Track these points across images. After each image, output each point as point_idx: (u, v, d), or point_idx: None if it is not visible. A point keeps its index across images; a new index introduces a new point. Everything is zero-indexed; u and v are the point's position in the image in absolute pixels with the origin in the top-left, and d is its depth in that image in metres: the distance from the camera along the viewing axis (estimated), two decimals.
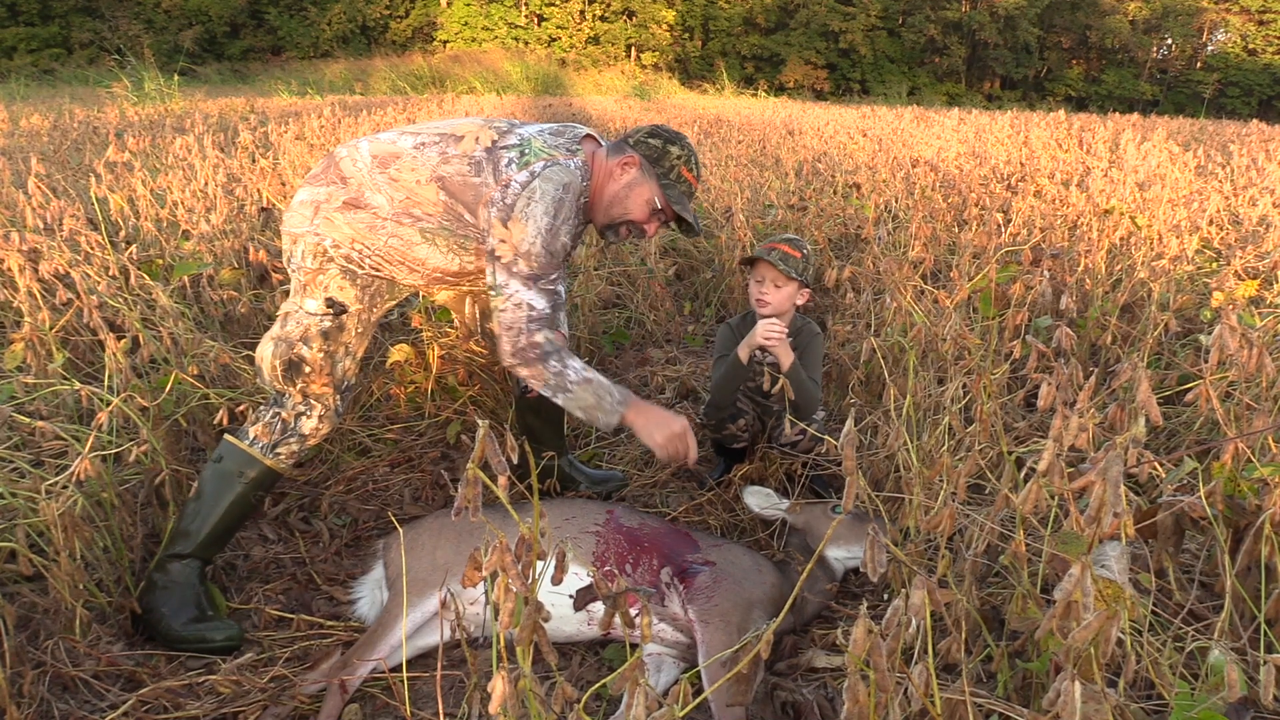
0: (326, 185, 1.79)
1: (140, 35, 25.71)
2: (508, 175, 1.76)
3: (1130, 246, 3.36)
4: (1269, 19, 33.54)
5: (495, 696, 0.87)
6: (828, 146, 7.95)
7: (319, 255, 1.77)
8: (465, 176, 1.77)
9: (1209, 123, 15.81)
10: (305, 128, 6.80)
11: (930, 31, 32.44)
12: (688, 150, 1.94)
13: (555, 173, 1.77)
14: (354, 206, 1.77)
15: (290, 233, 1.80)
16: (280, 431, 1.80)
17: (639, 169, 1.91)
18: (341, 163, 1.80)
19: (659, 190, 1.92)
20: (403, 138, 1.82)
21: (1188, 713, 1.00)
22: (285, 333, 1.79)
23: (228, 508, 1.77)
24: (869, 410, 2.43)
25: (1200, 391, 1.46)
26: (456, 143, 1.80)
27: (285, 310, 1.82)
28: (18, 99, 12.39)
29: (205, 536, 1.75)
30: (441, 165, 1.78)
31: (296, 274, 1.81)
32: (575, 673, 1.65)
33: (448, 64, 25.60)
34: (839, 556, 1.84)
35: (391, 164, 1.78)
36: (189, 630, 1.66)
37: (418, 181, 1.77)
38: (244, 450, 1.78)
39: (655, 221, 1.98)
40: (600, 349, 3.38)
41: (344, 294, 1.79)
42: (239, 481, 1.77)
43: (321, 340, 1.78)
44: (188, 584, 1.72)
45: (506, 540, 0.90)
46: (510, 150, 1.79)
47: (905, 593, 0.94)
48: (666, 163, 1.92)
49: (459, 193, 1.78)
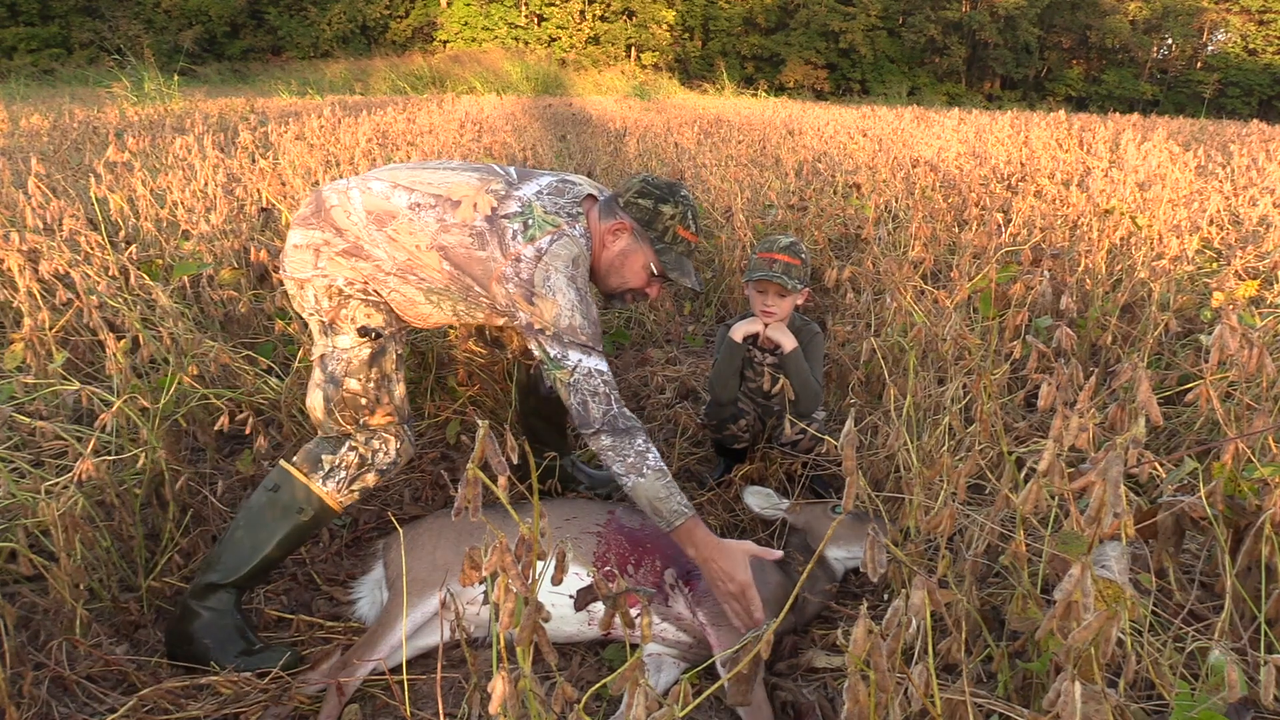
0: (321, 230, 1.70)
1: (140, 35, 25.70)
2: (515, 249, 1.66)
3: (1130, 246, 3.36)
4: (1269, 19, 33.54)
5: (495, 696, 0.87)
6: (828, 146, 7.95)
7: (334, 295, 1.69)
8: (469, 249, 1.68)
9: (1209, 123, 15.81)
10: (305, 128, 6.80)
11: (930, 31, 32.43)
12: (683, 206, 1.82)
13: (562, 247, 1.67)
14: (355, 255, 1.69)
15: (295, 278, 1.71)
16: (359, 466, 1.70)
17: (631, 235, 1.81)
18: (333, 211, 1.70)
19: (653, 256, 1.83)
20: (396, 193, 1.70)
21: (1188, 713, 1.00)
22: (329, 374, 1.69)
23: (283, 542, 1.67)
24: (869, 410, 2.43)
25: (1200, 391, 1.46)
26: (454, 209, 1.69)
27: (318, 354, 1.72)
28: (18, 99, 12.38)
29: (253, 568, 1.66)
30: (441, 234, 1.68)
31: (314, 317, 1.71)
32: (575, 673, 1.65)
33: (448, 64, 25.60)
34: (839, 556, 1.84)
35: (388, 223, 1.68)
36: (244, 664, 1.59)
37: (418, 247, 1.68)
38: (307, 485, 1.67)
39: (656, 285, 1.88)
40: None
41: (372, 320, 1.70)
42: (299, 517, 1.67)
43: (366, 369, 1.69)
44: (227, 612, 1.64)
45: (506, 540, 0.90)
46: (513, 221, 1.68)
47: (905, 593, 0.94)
48: (659, 225, 1.80)
49: (465, 265, 1.69)
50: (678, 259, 1.84)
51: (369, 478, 1.72)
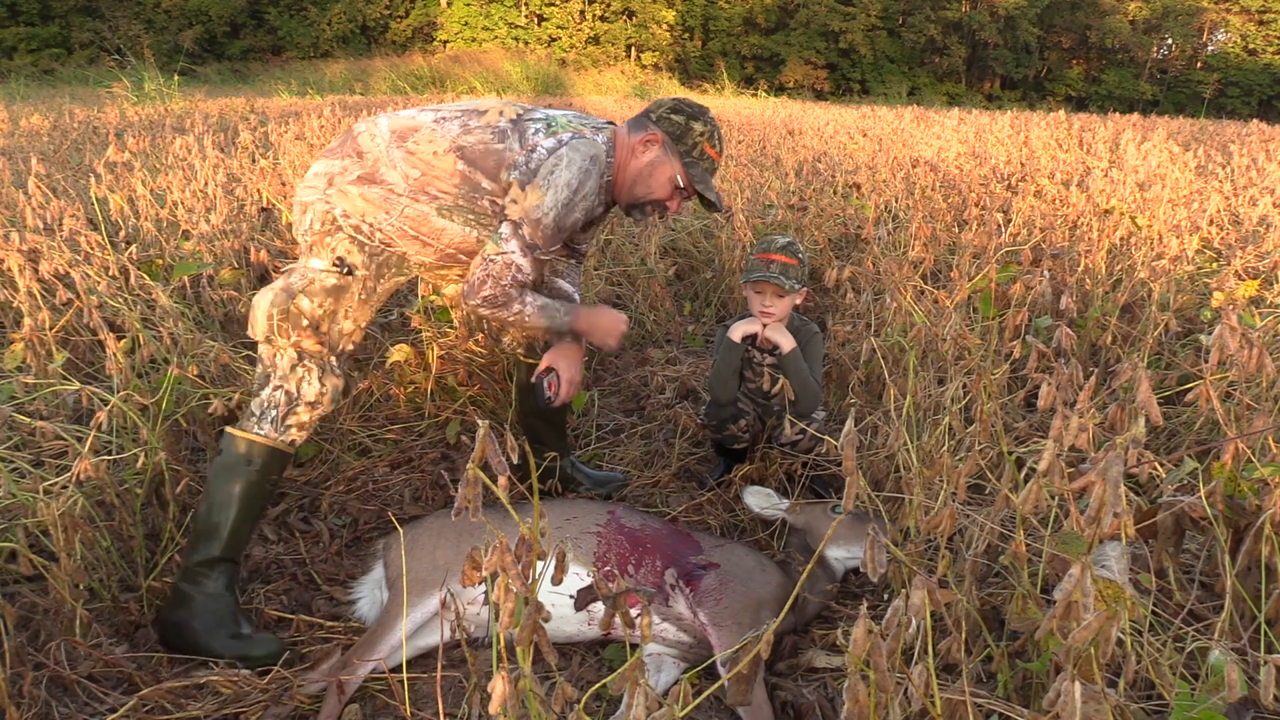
0: (342, 158, 1.77)
1: (140, 35, 25.69)
2: (534, 141, 1.76)
3: (1130, 246, 3.36)
4: (1269, 19, 33.53)
5: (495, 696, 0.87)
6: (828, 146, 7.95)
7: (328, 222, 1.74)
8: (487, 144, 1.76)
9: (1209, 123, 15.81)
10: (305, 128, 6.80)
11: (930, 31, 32.43)
12: (711, 126, 1.92)
13: (583, 145, 1.77)
14: (369, 181, 1.74)
15: (301, 202, 1.77)
16: (286, 404, 1.74)
17: (661, 147, 1.89)
18: (360, 137, 1.78)
19: (682, 169, 1.91)
20: (423, 113, 1.81)
21: (1188, 713, 1.00)
22: (288, 284, 1.74)
23: (243, 499, 1.71)
24: (869, 410, 2.43)
25: (1200, 391, 1.46)
26: (480, 116, 1.80)
27: (290, 268, 1.79)
28: (18, 99, 12.39)
29: (230, 534, 1.69)
30: (463, 135, 1.76)
31: (304, 238, 1.77)
32: (575, 673, 1.65)
33: (448, 64, 25.59)
34: (839, 556, 1.84)
35: (410, 137, 1.76)
36: (230, 647, 1.61)
37: (435, 153, 1.75)
38: (245, 437, 1.72)
39: (678, 198, 1.96)
40: (600, 349, 3.38)
41: (351, 257, 1.76)
42: (248, 469, 1.71)
43: (323, 295, 1.74)
44: (219, 595, 1.66)
45: (506, 540, 0.90)
46: (537, 122, 1.80)
47: (905, 593, 0.94)
48: (689, 139, 1.89)
49: (479, 159, 1.76)
50: (703, 174, 1.93)
51: (301, 412, 1.75)
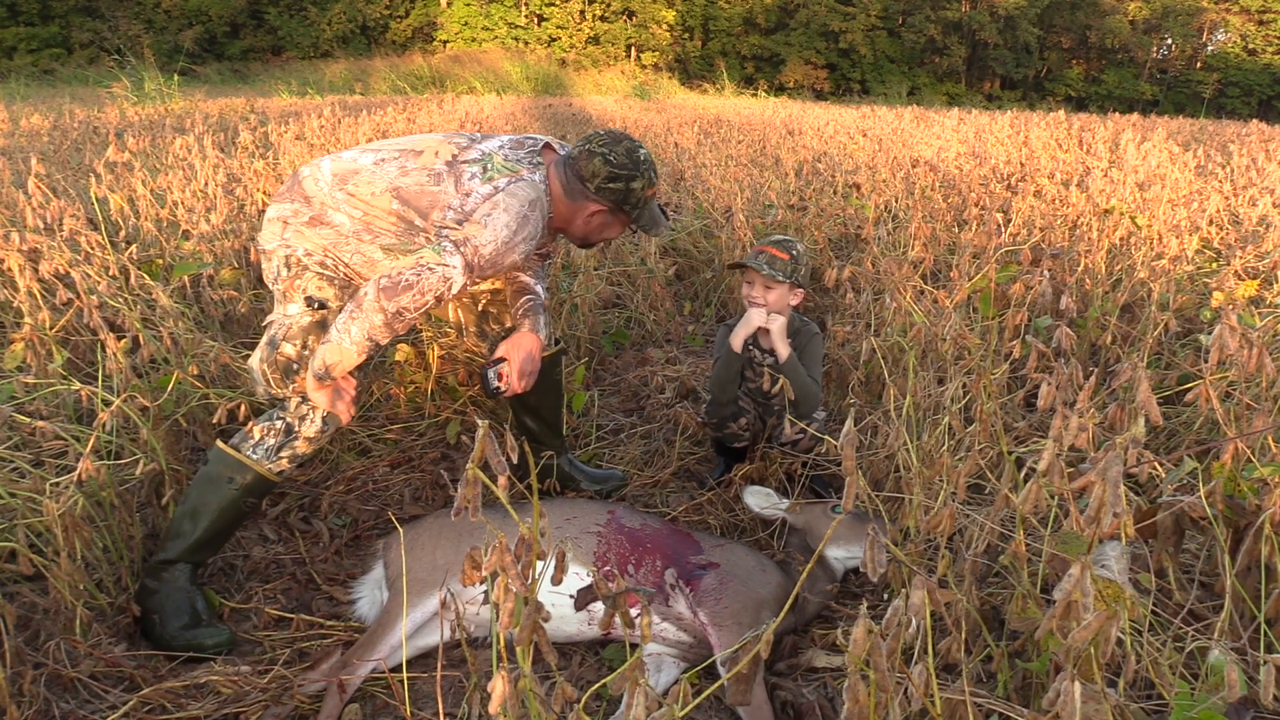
0: (291, 202, 1.81)
1: (140, 35, 25.69)
2: (469, 186, 1.75)
3: (1130, 246, 3.36)
4: (1269, 19, 33.53)
5: (495, 696, 0.87)
6: (828, 146, 7.95)
7: (293, 265, 1.79)
8: (423, 186, 1.76)
9: (1209, 123, 15.81)
10: (305, 128, 6.80)
11: (930, 31, 32.41)
12: (645, 172, 1.89)
13: (521, 189, 1.75)
14: (318, 223, 1.80)
15: (264, 249, 1.83)
16: (284, 434, 1.79)
17: (606, 213, 1.91)
18: (304, 182, 1.82)
19: (629, 220, 1.96)
20: (364, 155, 1.83)
21: (1188, 713, 1.00)
22: (270, 337, 1.80)
23: (217, 513, 1.76)
24: (869, 410, 2.43)
25: (1200, 391, 1.46)
26: (416, 157, 1.80)
27: (269, 321, 1.83)
28: (18, 99, 12.38)
29: (194, 542, 1.75)
30: (399, 177, 1.78)
31: (275, 286, 1.82)
32: (575, 673, 1.65)
33: (448, 64, 25.59)
34: (839, 556, 1.84)
35: (350, 180, 1.79)
36: (181, 636, 1.67)
37: (373, 194, 1.77)
38: (234, 456, 1.76)
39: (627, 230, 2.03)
40: (600, 349, 3.38)
41: (322, 293, 1.80)
42: (229, 487, 1.75)
43: (303, 335, 1.78)
44: (179, 588, 1.72)
45: (506, 540, 0.90)
46: (472, 165, 1.78)
47: (905, 593, 0.94)
48: (632, 199, 1.90)
49: (413, 200, 1.76)
50: (650, 219, 1.97)
51: (298, 445, 1.80)
